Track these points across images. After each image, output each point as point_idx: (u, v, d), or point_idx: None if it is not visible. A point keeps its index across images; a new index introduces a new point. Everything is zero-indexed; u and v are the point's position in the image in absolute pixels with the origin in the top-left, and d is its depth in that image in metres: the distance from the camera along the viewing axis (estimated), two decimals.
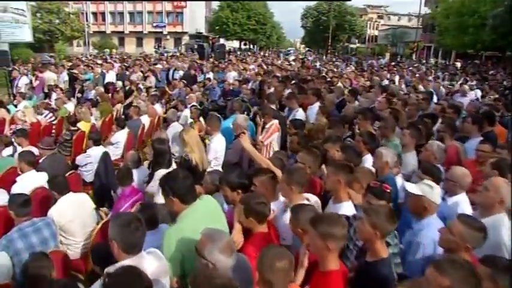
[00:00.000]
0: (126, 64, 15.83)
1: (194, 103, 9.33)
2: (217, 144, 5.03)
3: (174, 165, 4.69)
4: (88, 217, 4.15)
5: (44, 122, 8.93)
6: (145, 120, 8.58)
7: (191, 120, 8.03)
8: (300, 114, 6.55)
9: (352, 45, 59.27)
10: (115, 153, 7.56)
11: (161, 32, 54.92)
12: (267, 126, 5.57)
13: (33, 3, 40.64)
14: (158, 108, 9.77)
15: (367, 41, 69.36)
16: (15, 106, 10.42)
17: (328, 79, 10.96)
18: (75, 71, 13.09)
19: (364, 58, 37.50)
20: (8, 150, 6.65)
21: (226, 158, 5.20)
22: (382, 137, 5.11)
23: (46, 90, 12.58)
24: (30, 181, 4.67)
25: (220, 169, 5.16)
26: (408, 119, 6.02)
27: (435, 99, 9.06)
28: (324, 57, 31.70)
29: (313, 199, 3.27)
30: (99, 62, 16.32)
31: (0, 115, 9.34)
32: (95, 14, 55.89)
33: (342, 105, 7.47)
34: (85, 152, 6.60)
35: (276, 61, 18.08)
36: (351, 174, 3.30)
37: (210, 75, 14.46)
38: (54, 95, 11.41)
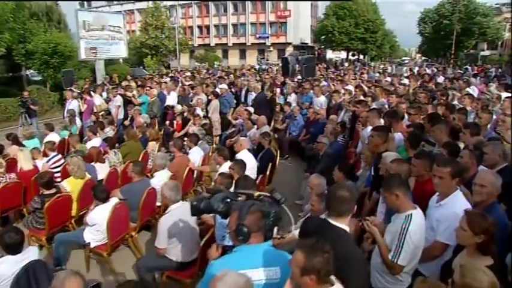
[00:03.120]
0: (196, 82, 13.35)
1: (246, 151, 6.08)
2: None
3: None
4: None
5: (46, 168, 6.59)
6: (161, 178, 5.60)
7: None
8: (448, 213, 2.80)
9: (483, 53, 49.85)
10: (96, 238, 4.75)
11: (264, 44, 53.31)
12: None
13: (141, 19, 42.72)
14: (196, 153, 6.73)
15: (501, 47, 58.07)
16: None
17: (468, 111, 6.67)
18: (128, 93, 10.91)
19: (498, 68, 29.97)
20: None
21: None
22: None
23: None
24: None
25: None
26: None
27: None
28: (450, 69, 25.67)
29: None
30: (167, 80, 14.16)
31: (12, 154, 7.39)
32: (200, 27, 56.89)
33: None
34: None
35: (384, 77, 13.72)
36: None
37: (292, 98, 11.11)
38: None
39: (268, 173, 6.09)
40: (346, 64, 44.78)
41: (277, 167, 9.09)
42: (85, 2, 68.33)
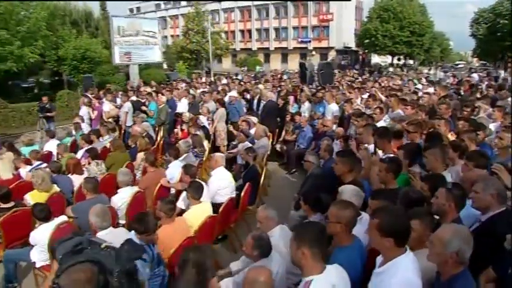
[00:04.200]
0: (209, 89, 12.93)
1: (221, 169, 5.51)
2: None
3: None
4: None
5: (29, 177, 6.41)
6: (124, 195, 5.19)
7: None
8: None
9: None
10: (41, 258, 4.46)
11: (306, 48, 52.38)
12: None
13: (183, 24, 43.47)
14: (174, 168, 6.22)
15: None
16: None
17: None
18: (141, 99, 10.71)
19: None
20: None
21: None
22: None
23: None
24: None
25: None
26: None
27: None
28: (503, 73, 23.23)
29: None
30: (182, 86, 13.92)
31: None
32: (242, 31, 57.01)
33: None
34: None
35: (412, 85, 12.38)
36: None
37: (305, 106, 10.38)
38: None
39: (244, 193, 5.45)
40: (391, 69, 42.70)
41: (281, 182, 8.50)
42: (134, 8, 71.28)
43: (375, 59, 59.42)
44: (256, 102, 10.97)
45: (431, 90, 10.45)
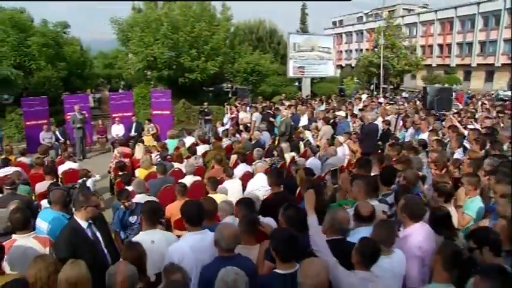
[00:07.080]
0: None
1: (260, 174, 6.92)
2: None
3: None
4: None
5: (154, 160, 9.22)
6: (185, 181, 7.20)
7: None
8: None
9: None
10: None
11: None
12: None
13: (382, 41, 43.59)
14: (239, 170, 7.86)
15: None
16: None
17: None
18: (270, 111, 12.73)
19: None
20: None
21: None
22: None
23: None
24: None
25: None
26: None
27: None
28: None
29: None
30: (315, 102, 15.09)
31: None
32: (440, 45, 52.53)
33: None
34: None
35: None
36: None
37: (408, 133, 10.35)
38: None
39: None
40: None
41: None
42: (337, 21, 74.77)
43: None
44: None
45: None
